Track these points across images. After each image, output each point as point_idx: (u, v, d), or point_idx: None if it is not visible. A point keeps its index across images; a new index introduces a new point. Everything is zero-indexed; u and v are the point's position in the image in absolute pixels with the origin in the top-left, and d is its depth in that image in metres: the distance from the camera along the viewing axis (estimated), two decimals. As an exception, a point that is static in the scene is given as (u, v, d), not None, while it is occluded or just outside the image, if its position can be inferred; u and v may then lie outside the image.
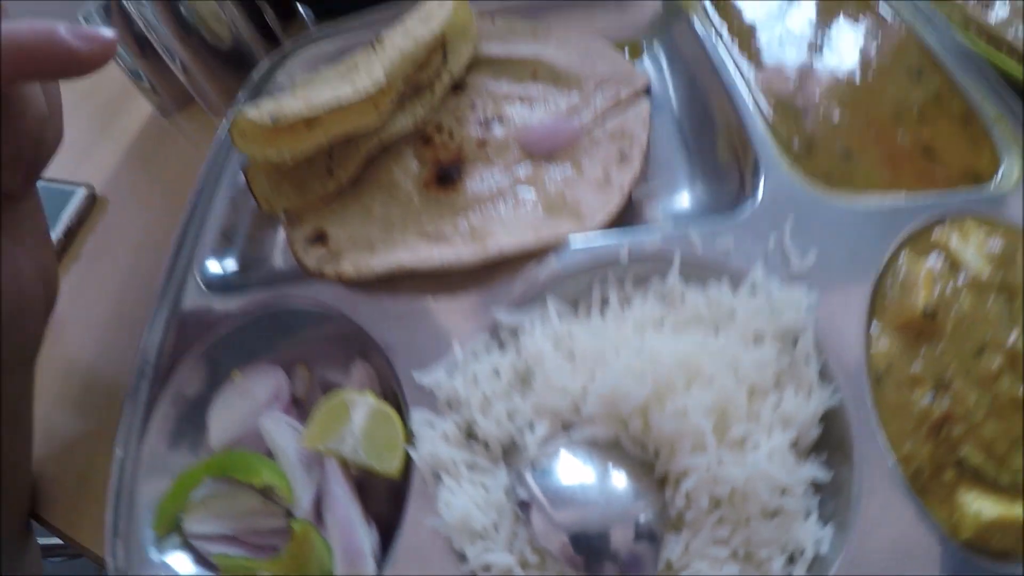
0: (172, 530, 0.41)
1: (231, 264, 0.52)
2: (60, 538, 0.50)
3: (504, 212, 0.45)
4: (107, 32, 0.32)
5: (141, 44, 0.67)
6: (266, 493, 0.42)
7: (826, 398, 0.36)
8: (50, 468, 0.52)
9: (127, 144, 0.72)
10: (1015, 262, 0.39)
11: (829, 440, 0.36)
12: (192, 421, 0.46)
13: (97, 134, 0.75)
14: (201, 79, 0.64)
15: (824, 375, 0.37)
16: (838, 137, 0.46)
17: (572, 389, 0.36)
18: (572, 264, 0.40)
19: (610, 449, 0.35)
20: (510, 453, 0.37)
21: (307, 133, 0.47)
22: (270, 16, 0.68)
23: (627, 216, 0.45)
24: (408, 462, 0.38)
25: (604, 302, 0.40)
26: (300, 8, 0.70)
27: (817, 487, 0.35)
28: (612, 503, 0.34)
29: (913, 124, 0.47)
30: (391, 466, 0.38)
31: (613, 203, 0.43)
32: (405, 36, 0.50)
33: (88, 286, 0.64)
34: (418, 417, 0.38)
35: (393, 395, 0.41)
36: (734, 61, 0.49)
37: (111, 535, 0.40)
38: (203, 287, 0.49)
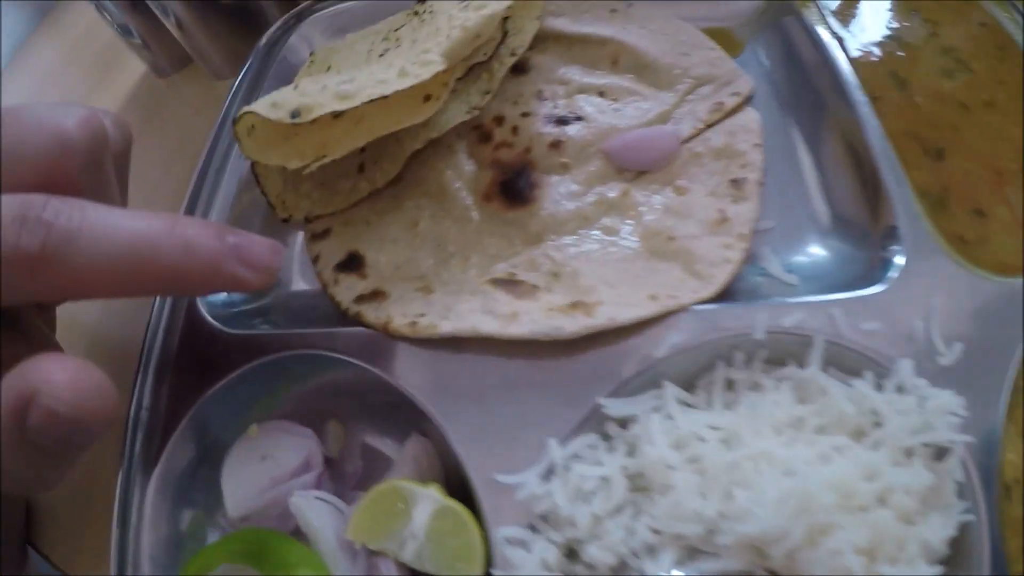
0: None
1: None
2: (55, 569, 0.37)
3: (594, 248, 0.30)
4: (275, 259, 0.25)
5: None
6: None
7: (958, 516, 0.25)
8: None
9: (118, 106, 0.52)
10: None
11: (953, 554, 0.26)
12: (198, 482, 0.32)
13: (85, 93, 0.55)
14: (201, 38, 0.43)
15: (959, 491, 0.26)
16: (970, 189, 0.33)
17: (706, 516, 0.24)
18: (696, 338, 0.27)
19: (739, 576, 0.24)
20: (621, 571, 0.24)
21: (339, 133, 0.30)
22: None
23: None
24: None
25: (729, 386, 0.27)
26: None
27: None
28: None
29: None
30: (468, 579, 0.25)
31: (735, 258, 0.29)
32: (466, 7, 0.31)
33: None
34: (507, 535, 0.25)
35: (456, 478, 0.27)
36: (859, 79, 0.34)
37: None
38: (207, 317, 0.32)
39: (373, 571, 0.29)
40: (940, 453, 0.27)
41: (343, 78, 0.29)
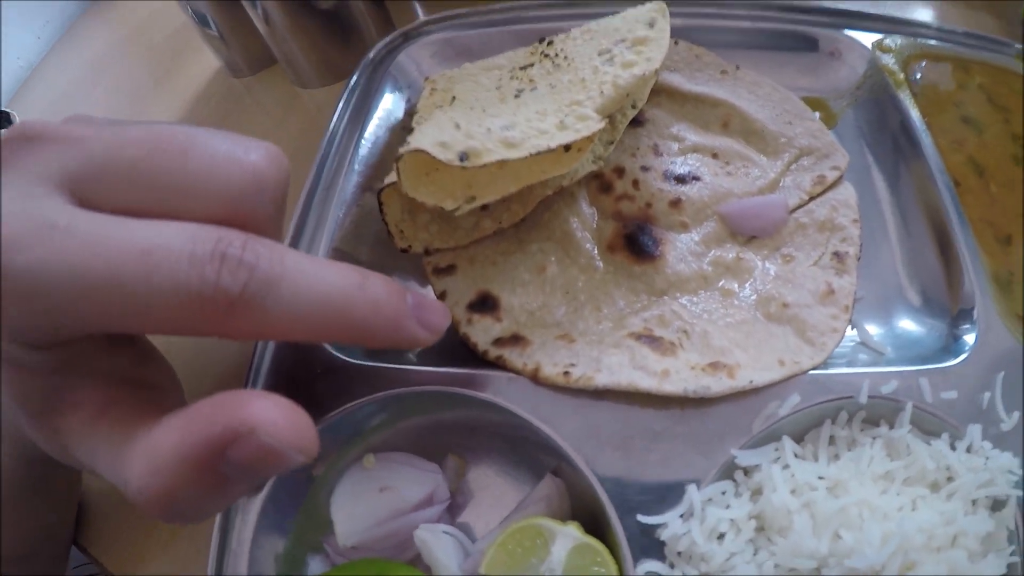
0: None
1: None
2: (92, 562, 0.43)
3: (714, 308, 0.39)
4: (446, 321, 0.30)
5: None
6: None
7: (1007, 556, 0.35)
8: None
9: (186, 103, 0.56)
10: None
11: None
12: (303, 508, 0.37)
13: (150, 86, 0.58)
14: (290, 39, 0.47)
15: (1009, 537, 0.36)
16: None
17: (819, 554, 0.32)
18: (809, 399, 0.36)
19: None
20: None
21: (483, 175, 0.36)
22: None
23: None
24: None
25: (831, 442, 0.36)
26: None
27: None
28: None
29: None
30: (602, 613, 0.32)
31: (841, 328, 0.39)
32: (610, 61, 0.39)
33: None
34: (648, 570, 0.32)
35: (584, 517, 0.35)
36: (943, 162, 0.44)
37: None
38: (326, 346, 0.38)
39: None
40: (996, 504, 0.37)
41: (503, 123, 0.36)
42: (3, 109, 0.48)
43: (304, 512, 0.39)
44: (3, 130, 0.25)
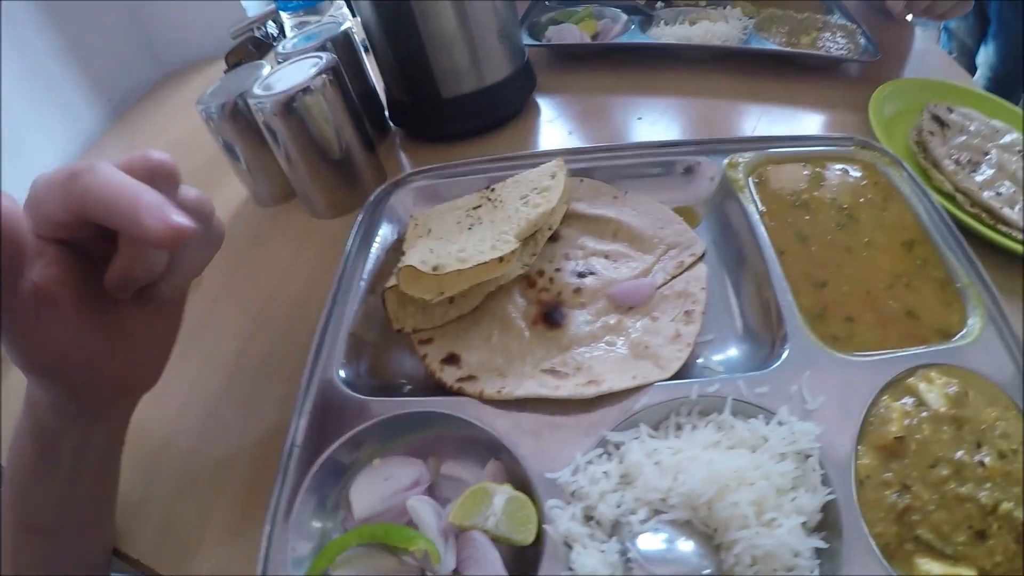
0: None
1: (363, 368, 0.88)
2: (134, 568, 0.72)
3: (600, 354, 0.82)
4: (184, 222, 0.41)
5: (242, 127, 0.95)
6: (399, 555, 0.78)
7: (825, 495, 0.67)
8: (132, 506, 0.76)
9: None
10: (966, 401, 0.71)
11: (827, 522, 0.64)
12: (329, 500, 0.77)
13: None
14: (307, 179, 0.94)
15: (824, 480, 0.68)
16: (844, 305, 0.77)
17: (662, 488, 0.69)
18: (657, 399, 0.77)
19: (684, 526, 0.68)
20: (616, 528, 0.72)
21: (450, 279, 0.84)
22: (368, 129, 1.04)
23: (688, 361, 0.80)
24: (537, 534, 0.75)
25: (678, 427, 0.80)
26: (392, 125, 1.09)
27: (819, 553, 0.61)
28: (688, 562, 0.65)
29: (902, 291, 0.77)
30: (526, 537, 0.71)
31: (683, 355, 0.77)
32: (526, 203, 0.89)
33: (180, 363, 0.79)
34: (551, 503, 0.74)
35: (516, 482, 0.78)
36: (770, 237, 0.90)
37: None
38: (344, 388, 0.84)
39: (465, 543, 0.78)
40: (807, 459, 0.69)
41: (457, 247, 0.76)
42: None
43: (334, 505, 0.82)
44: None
